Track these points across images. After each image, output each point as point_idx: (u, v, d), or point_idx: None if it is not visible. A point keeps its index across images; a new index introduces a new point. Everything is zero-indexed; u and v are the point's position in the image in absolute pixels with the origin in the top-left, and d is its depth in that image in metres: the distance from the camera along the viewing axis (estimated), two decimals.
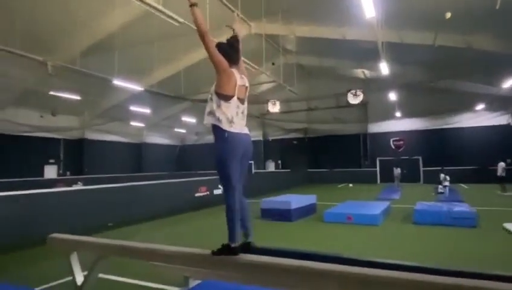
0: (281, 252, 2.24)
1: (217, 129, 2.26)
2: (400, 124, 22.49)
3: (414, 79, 18.86)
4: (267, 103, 27.74)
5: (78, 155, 20.77)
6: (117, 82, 12.54)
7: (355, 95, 23.55)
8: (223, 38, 2.51)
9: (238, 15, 2.38)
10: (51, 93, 14.44)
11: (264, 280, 2.08)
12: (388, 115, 22.39)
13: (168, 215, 9.25)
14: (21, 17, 9.42)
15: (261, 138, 27.62)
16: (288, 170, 24.63)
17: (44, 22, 11.01)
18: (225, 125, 2.23)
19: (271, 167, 27.56)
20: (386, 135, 22.81)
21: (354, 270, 1.74)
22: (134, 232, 7.62)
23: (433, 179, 19.81)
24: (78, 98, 15.46)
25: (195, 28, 2.16)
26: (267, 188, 15.97)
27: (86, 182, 15.97)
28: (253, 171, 27.00)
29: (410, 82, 18.97)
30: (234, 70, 2.31)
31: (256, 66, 11.81)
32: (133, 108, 18.21)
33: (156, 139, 27.25)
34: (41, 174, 18.64)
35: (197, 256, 2.28)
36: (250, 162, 20.23)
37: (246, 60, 11.16)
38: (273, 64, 17.61)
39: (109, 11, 11.35)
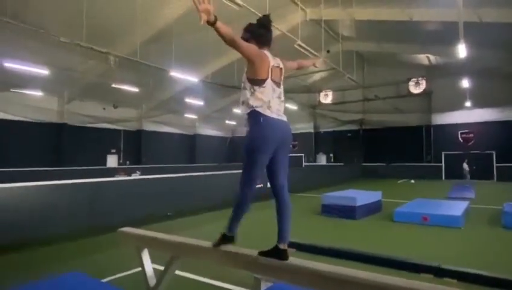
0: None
1: (251, 115, 2.04)
2: (470, 115, 20.24)
3: (490, 64, 16.80)
4: (318, 94, 26.72)
5: (136, 146, 21.79)
6: (174, 73, 12.70)
7: (417, 83, 21.76)
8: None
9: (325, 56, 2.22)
10: (113, 86, 15.10)
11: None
12: (456, 105, 20.31)
13: (225, 207, 9.01)
14: (87, 11, 9.77)
15: (311, 130, 26.77)
16: (341, 164, 23.61)
17: (106, 15, 11.40)
18: (261, 109, 2.01)
19: (322, 160, 26.65)
20: (453, 127, 20.74)
21: None
22: (196, 222, 7.54)
23: (509, 177, 17.72)
24: (137, 90, 16.00)
25: (223, 39, 1.86)
26: (319, 182, 15.31)
27: (143, 172, 16.62)
28: (304, 164, 26.35)
29: (486, 67, 16.94)
30: (266, 52, 2.10)
31: (315, 52, 11.14)
32: (187, 100, 18.56)
33: (208, 131, 27.73)
34: (105, 163, 19.85)
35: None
36: (301, 155, 19.35)
37: (303, 44, 10.58)
38: (328, 51, 16.73)
39: (168, 1, 11.46)
